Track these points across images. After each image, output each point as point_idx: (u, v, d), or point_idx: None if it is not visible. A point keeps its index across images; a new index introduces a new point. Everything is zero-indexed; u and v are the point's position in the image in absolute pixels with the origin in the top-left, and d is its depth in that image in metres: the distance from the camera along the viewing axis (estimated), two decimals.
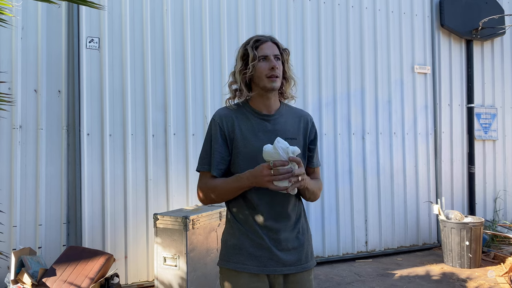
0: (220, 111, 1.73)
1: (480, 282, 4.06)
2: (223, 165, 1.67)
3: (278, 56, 1.67)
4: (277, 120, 1.69)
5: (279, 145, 1.42)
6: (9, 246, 3.57)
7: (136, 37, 4.07)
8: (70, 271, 3.20)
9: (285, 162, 1.40)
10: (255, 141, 1.64)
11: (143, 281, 3.99)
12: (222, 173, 1.67)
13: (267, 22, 4.62)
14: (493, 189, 5.85)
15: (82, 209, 3.82)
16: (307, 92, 4.75)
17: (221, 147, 1.66)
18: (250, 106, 1.72)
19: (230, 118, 1.68)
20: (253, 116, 1.69)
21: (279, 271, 1.62)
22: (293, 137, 1.68)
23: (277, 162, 1.41)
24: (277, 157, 1.42)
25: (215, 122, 1.69)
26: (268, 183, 1.45)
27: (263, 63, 1.64)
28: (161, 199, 4.11)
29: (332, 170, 4.85)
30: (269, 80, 1.63)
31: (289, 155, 1.42)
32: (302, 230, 1.70)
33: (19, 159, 3.67)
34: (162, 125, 4.15)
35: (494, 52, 5.91)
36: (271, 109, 1.71)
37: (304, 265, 1.68)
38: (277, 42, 1.70)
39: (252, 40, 1.67)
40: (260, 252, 1.61)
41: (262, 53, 1.64)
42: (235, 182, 1.59)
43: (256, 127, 1.67)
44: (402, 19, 5.30)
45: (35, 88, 3.76)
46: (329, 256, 4.79)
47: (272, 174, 1.43)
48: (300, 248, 1.67)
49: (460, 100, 5.68)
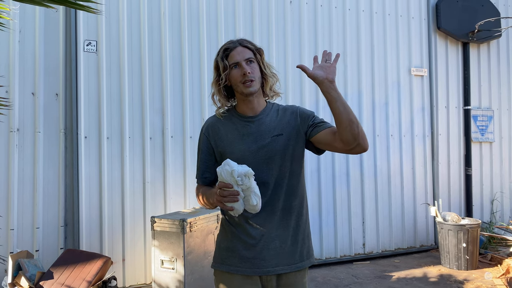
0: (208, 120, 1.78)
1: (477, 284, 4.07)
2: (208, 173, 1.74)
3: (250, 59, 1.66)
4: (261, 121, 1.70)
5: (224, 167, 1.45)
6: (6, 250, 3.56)
7: (133, 40, 4.08)
8: (68, 274, 3.19)
9: (228, 184, 1.44)
10: (241, 144, 1.66)
11: (141, 283, 3.99)
12: (208, 181, 1.74)
13: (264, 25, 4.63)
14: (490, 191, 5.87)
15: (80, 212, 3.82)
16: (304, 95, 4.76)
17: (206, 156, 1.73)
18: (236, 111, 1.74)
19: (216, 127, 1.72)
20: (238, 120, 1.71)
21: (272, 271, 1.62)
22: (280, 133, 1.66)
23: (220, 183, 1.46)
24: (222, 179, 1.46)
25: (202, 133, 1.76)
26: (218, 202, 1.48)
27: (236, 70, 1.65)
28: (158, 202, 4.11)
29: (330, 173, 4.86)
30: (244, 85, 1.63)
31: (233, 177, 1.43)
32: (297, 229, 1.68)
33: (16, 162, 3.67)
34: (160, 128, 4.15)
35: (491, 55, 5.94)
36: (256, 111, 1.71)
37: (298, 264, 1.67)
38: (247, 45, 1.68)
39: (221, 50, 1.69)
40: (252, 253, 1.62)
41: (233, 61, 1.65)
42: (208, 197, 1.63)
43: (241, 131, 1.68)
44: (399, 21, 5.32)
45: (32, 91, 3.77)
46: (327, 258, 4.80)
47: (218, 194, 1.47)
48: (294, 247, 1.66)
49: (457, 102, 5.70)
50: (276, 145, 1.65)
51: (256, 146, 1.65)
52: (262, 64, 1.70)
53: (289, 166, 1.66)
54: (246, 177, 1.44)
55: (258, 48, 1.72)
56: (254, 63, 1.67)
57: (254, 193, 1.46)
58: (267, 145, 1.65)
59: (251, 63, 1.66)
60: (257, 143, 1.65)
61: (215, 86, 1.71)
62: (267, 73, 1.71)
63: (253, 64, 1.66)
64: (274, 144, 1.65)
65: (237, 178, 1.42)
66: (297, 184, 1.69)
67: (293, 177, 1.67)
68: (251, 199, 1.46)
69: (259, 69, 1.69)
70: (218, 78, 1.69)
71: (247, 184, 1.44)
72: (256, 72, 1.66)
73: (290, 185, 1.66)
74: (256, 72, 1.66)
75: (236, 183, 1.43)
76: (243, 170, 1.44)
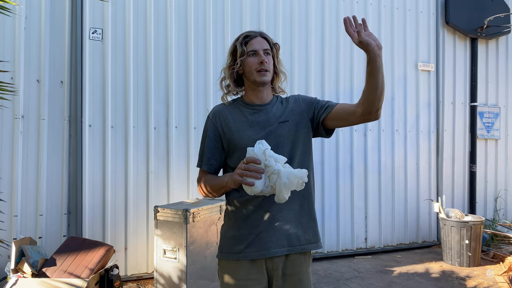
0: (215, 107, 1.77)
1: (479, 280, 4.06)
2: (214, 160, 1.72)
3: (268, 51, 1.69)
4: (268, 110, 1.71)
5: (259, 145, 1.44)
6: (9, 236, 3.58)
7: (139, 29, 4.06)
8: (70, 262, 3.21)
9: (257, 160, 1.42)
10: (249, 131, 1.67)
11: (143, 272, 4.01)
12: (214, 168, 1.72)
13: (271, 15, 4.60)
14: (494, 188, 5.85)
15: (83, 200, 3.83)
16: (310, 88, 4.73)
17: (212, 143, 1.71)
18: (243, 100, 1.76)
19: (224, 114, 1.72)
20: (246, 108, 1.72)
21: (278, 252, 1.63)
22: (286, 120, 1.69)
23: (249, 158, 1.44)
24: (251, 155, 1.45)
25: (209, 119, 1.75)
26: (237, 175, 1.45)
27: (253, 58, 1.67)
28: (161, 192, 4.11)
29: (333, 166, 4.85)
30: (259, 74, 1.66)
31: (264, 155, 1.42)
32: (302, 212, 1.68)
33: (20, 149, 3.67)
34: (164, 118, 4.14)
35: (499, 51, 5.88)
36: (264, 101, 1.73)
37: (304, 245, 1.68)
38: (266, 37, 1.72)
39: (242, 36, 1.71)
40: (258, 237, 1.63)
41: (251, 48, 1.67)
42: (219, 179, 1.63)
43: (249, 118, 1.69)
44: (407, 15, 5.27)
45: (37, 78, 3.76)
46: (328, 252, 4.80)
47: (243, 168, 1.44)
48: (299, 229, 1.67)
49: (463, 98, 5.66)
50: (283, 130, 1.67)
51: (264, 132, 1.66)
52: (276, 59, 1.73)
53: (296, 151, 1.67)
54: (276, 161, 1.43)
55: (275, 43, 1.75)
56: (269, 56, 1.70)
57: (285, 184, 1.42)
58: (275, 130, 1.66)
59: (267, 55, 1.69)
60: (265, 129, 1.67)
61: (228, 70, 1.72)
62: (279, 69, 1.75)
63: (269, 57, 1.70)
64: (281, 129, 1.67)
65: (268, 158, 1.42)
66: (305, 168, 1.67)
67: (301, 163, 1.67)
68: (283, 191, 1.42)
69: (273, 63, 1.72)
70: (233, 63, 1.71)
71: (274, 167, 1.41)
72: (271, 65, 1.70)
73: None
74: (271, 65, 1.70)
75: (264, 161, 1.42)
76: (278, 155, 1.45)
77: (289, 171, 1.43)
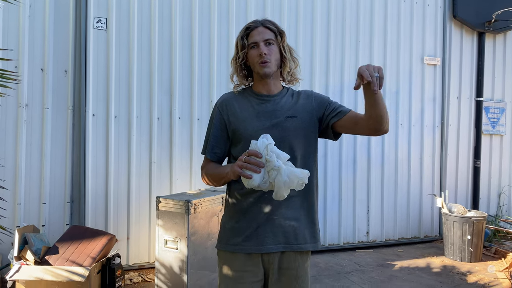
0: (223, 96, 1.77)
1: (480, 276, 4.06)
2: (218, 149, 1.71)
3: (269, 41, 1.66)
4: (277, 101, 1.70)
5: (263, 139, 1.42)
6: (13, 223, 3.61)
7: (143, 19, 4.04)
8: (73, 250, 3.23)
9: (258, 153, 1.39)
10: (255, 121, 1.65)
11: (144, 262, 4.04)
12: (217, 157, 1.72)
13: (277, 5, 4.56)
14: (497, 184, 5.82)
15: (86, 189, 3.85)
16: (314, 80, 4.71)
17: (218, 131, 1.71)
18: (252, 90, 1.75)
19: (231, 103, 1.71)
20: (253, 98, 1.71)
21: (274, 248, 1.62)
22: (293, 115, 1.66)
23: (251, 151, 1.41)
24: (254, 148, 1.42)
25: (216, 107, 1.74)
26: (237, 167, 1.42)
27: (254, 50, 1.66)
28: (164, 182, 4.12)
29: (336, 159, 4.84)
30: (260, 66, 1.65)
31: (267, 149, 1.39)
32: (301, 211, 1.66)
33: (24, 137, 3.69)
34: (168, 109, 4.14)
35: (507, 46, 5.81)
36: (272, 92, 1.72)
37: (302, 245, 1.66)
38: (269, 25, 1.68)
39: (243, 29, 1.70)
40: (256, 232, 1.62)
41: (252, 40, 1.66)
42: (221, 169, 1.63)
43: (256, 108, 1.68)
44: (414, 8, 5.21)
45: (41, 67, 3.76)
46: (330, 244, 4.81)
47: (244, 160, 1.42)
48: (298, 228, 1.65)
49: (469, 93, 5.61)
50: (289, 125, 1.64)
51: (269, 124, 1.64)
52: (282, 46, 1.69)
53: (301, 150, 1.65)
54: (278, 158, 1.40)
55: (281, 30, 1.71)
56: (273, 45, 1.67)
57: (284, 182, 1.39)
58: (281, 123, 1.64)
59: (270, 45, 1.66)
60: (271, 120, 1.65)
61: (234, 63, 1.73)
62: (287, 56, 1.70)
63: (272, 46, 1.67)
64: (287, 124, 1.64)
65: (270, 153, 1.39)
66: (308, 168, 1.64)
67: (304, 163, 1.65)
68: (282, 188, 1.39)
69: (278, 52, 1.69)
70: (237, 56, 1.71)
71: (275, 163, 1.39)
72: (274, 54, 1.66)
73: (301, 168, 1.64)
74: (274, 54, 1.66)
75: (266, 155, 1.40)
76: (281, 151, 1.42)
77: (290, 169, 1.40)
